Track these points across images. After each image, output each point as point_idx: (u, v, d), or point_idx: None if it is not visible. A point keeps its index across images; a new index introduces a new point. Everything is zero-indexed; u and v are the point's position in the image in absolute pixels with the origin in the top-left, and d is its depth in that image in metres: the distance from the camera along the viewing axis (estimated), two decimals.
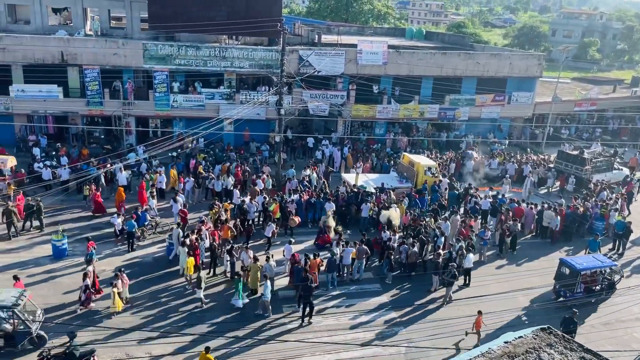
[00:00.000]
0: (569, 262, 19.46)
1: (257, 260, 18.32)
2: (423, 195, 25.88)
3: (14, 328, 14.69)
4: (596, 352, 6.01)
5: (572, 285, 18.93)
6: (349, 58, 33.44)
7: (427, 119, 36.52)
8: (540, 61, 38.70)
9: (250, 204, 23.02)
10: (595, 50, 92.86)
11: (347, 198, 24.68)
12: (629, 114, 45.75)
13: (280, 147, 27.69)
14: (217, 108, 31.38)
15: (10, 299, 14.71)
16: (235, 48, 32.12)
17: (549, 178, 31.02)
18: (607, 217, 25.17)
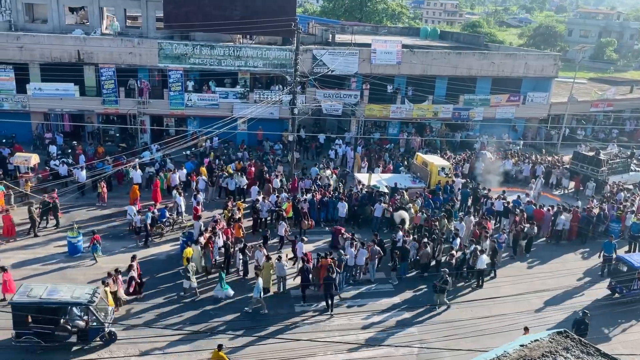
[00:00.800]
0: (627, 259, 19.87)
1: (269, 259, 18.35)
2: (437, 196, 25.74)
3: (87, 324, 15.09)
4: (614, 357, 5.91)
5: (629, 282, 19.11)
6: (362, 57, 33.36)
7: (441, 119, 36.32)
8: (556, 61, 38.27)
9: (263, 202, 23.06)
10: (612, 50, 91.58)
11: (360, 198, 24.62)
12: None
13: (294, 147, 27.71)
14: (231, 107, 31.49)
15: (85, 296, 15.02)
16: (249, 47, 32.21)
17: (565, 179, 30.66)
18: (624, 219, 24.84)
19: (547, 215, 24.33)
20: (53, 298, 14.73)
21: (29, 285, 15.33)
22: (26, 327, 14.64)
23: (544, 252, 23.27)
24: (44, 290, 14.97)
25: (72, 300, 14.89)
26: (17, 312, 14.50)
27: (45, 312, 14.61)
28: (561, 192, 30.59)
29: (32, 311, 14.63)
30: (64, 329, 14.97)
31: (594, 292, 20.04)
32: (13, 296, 15.06)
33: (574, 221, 24.14)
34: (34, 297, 14.59)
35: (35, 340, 14.60)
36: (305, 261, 18.63)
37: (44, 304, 14.60)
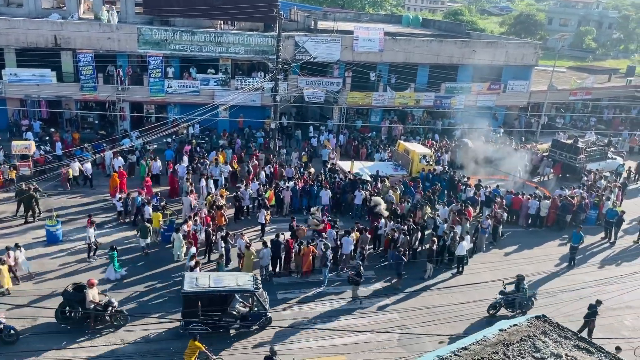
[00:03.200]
0: None
1: (250, 247, 18.33)
2: (417, 183, 25.92)
3: (250, 310, 15.70)
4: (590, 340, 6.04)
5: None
6: (345, 45, 33.22)
7: (423, 107, 36.44)
8: (536, 49, 38.60)
9: (245, 190, 22.97)
10: (591, 39, 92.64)
11: (343, 186, 24.67)
12: (623, 103, 45.82)
13: (276, 134, 27.60)
14: (212, 94, 31.17)
15: (248, 284, 15.66)
16: (230, 33, 31.83)
17: (547, 167, 31.02)
18: (602, 206, 25.30)
19: (525, 202, 24.68)
20: (221, 286, 15.39)
21: (192, 275, 15.88)
22: (195, 315, 15.12)
23: (523, 239, 23.63)
24: (209, 279, 15.56)
25: (240, 288, 15.57)
26: (188, 301, 15.05)
27: (215, 300, 15.26)
28: (541, 179, 31.01)
29: (203, 300, 15.12)
30: (231, 315, 15.57)
31: (570, 278, 20.45)
32: (183, 286, 15.26)
33: (552, 208, 24.53)
34: (203, 286, 15.17)
35: (202, 328, 15.07)
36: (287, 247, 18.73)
37: (215, 292, 15.22)
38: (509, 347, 5.73)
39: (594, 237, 24.47)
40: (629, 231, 24.98)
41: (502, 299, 17.27)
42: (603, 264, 22.11)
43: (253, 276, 16.26)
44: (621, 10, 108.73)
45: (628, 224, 25.07)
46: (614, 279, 19.67)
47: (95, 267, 18.60)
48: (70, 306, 15.20)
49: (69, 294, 15.24)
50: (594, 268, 21.62)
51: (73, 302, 15.20)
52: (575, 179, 29.71)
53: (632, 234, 24.78)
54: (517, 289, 17.39)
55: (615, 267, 21.73)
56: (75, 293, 15.30)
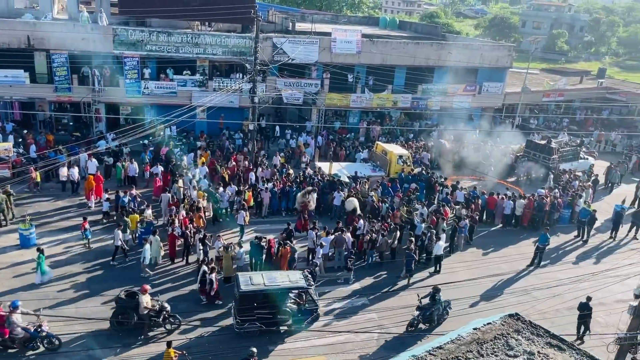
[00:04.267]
0: None
1: (228, 249, 18.22)
2: (395, 183, 26.08)
3: (302, 306, 16.00)
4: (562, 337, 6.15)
5: None
6: (323, 46, 33.27)
7: (400, 109, 36.68)
8: (510, 52, 39.18)
9: (223, 192, 22.83)
10: (564, 41, 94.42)
11: (322, 187, 24.69)
12: (595, 105, 46.79)
13: (254, 136, 27.47)
14: (190, 95, 30.89)
15: (300, 281, 16.04)
16: (207, 34, 31.60)
17: (521, 167, 31.46)
18: (575, 205, 25.78)
19: (500, 202, 25.02)
20: (276, 284, 15.61)
21: (245, 274, 16.11)
22: (251, 314, 15.31)
23: (498, 238, 23.96)
24: (262, 277, 15.78)
25: (295, 285, 15.88)
26: (244, 301, 15.19)
27: (271, 298, 15.45)
28: (515, 179, 31.46)
29: (259, 298, 15.33)
30: (285, 312, 15.77)
31: (545, 276, 20.80)
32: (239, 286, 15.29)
33: (528, 208, 24.90)
34: (258, 285, 15.38)
35: (257, 326, 15.39)
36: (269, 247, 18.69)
37: (271, 291, 15.39)
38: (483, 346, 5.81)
39: (568, 235, 24.96)
40: (600, 229, 25.52)
41: (420, 314, 16.47)
42: (576, 262, 22.55)
43: (302, 273, 16.71)
44: (592, 14, 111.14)
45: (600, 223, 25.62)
46: (586, 276, 20.07)
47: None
48: (125, 313, 15.18)
49: (123, 301, 15.26)
50: (567, 266, 22.06)
51: (127, 309, 15.17)
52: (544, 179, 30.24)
53: (603, 232, 25.33)
54: (433, 300, 16.64)
55: (588, 264, 22.17)
56: (128, 300, 15.29)
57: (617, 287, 17.66)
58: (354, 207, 22.82)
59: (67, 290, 17.22)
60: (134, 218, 20.28)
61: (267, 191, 23.55)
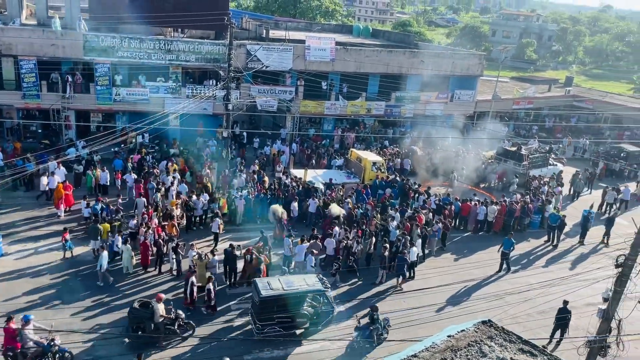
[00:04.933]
0: None
1: (202, 258, 18.00)
2: (368, 190, 26.20)
3: (317, 309, 16.22)
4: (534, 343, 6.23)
5: None
6: (297, 54, 33.32)
7: (374, 116, 36.94)
8: (481, 60, 39.90)
9: (197, 200, 22.58)
10: (532, 50, 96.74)
11: (297, 194, 24.63)
12: (563, 112, 47.97)
13: (228, 143, 27.28)
14: (162, 102, 30.53)
15: (318, 284, 16.29)
16: (180, 41, 31.32)
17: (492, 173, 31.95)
18: (545, 211, 26.25)
19: (474, 209, 25.34)
20: (295, 288, 15.81)
21: (262, 280, 16.24)
22: (271, 319, 15.53)
23: (471, 244, 24.24)
24: (280, 282, 15.91)
25: (312, 288, 16.09)
26: (264, 306, 15.35)
27: (290, 302, 15.66)
28: (486, 185, 31.90)
29: (279, 303, 15.49)
30: (303, 315, 16.01)
31: (516, 280, 21.12)
32: (259, 292, 15.42)
33: (500, 214, 25.26)
34: (277, 290, 15.53)
35: (277, 330, 15.56)
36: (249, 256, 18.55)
37: (290, 295, 15.59)
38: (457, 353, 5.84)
39: (538, 240, 25.41)
40: (569, 234, 26.05)
41: (358, 334, 15.84)
42: (547, 266, 22.96)
43: (318, 276, 16.97)
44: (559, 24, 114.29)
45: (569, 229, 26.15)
46: (556, 280, 20.45)
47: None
48: (141, 323, 15.05)
49: (137, 311, 15.05)
50: (538, 270, 22.39)
51: (143, 319, 15.01)
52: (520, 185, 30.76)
53: (572, 237, 25.85)
54: (372, 320, 16.17)
55: (558, 269, 22.59)
56: (143, 310, 15.09)
57: (586, 291, 17.99)
58: (338, 213, 22.86)
59: (36, 301, 16.74)
60: (106, 227, 19.91)
61: (242, 199, 23.38)
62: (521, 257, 23.55)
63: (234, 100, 28.14)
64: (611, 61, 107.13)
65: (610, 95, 51.35)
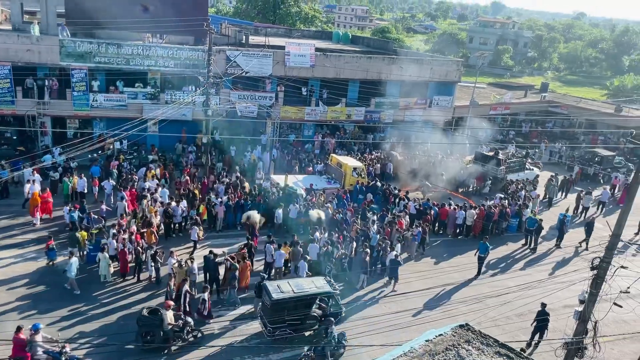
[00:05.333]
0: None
1: (182, 266, 17.80)
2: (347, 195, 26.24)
3: (325, 310, 16.46)
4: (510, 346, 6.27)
5: None
6: (276, 60, 33.31)
7: (354, 122, 37.08)
8: (458, 67, 40.38)
9: (176, 207, 22.34)
10: (509, 57, 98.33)
11: (277, 200, 24.54)
12: (539, 118, 48.77)
13: (208, 149, 27.10)
14: (141, 108, 30.22)
15: (326, 286, 16.64)
16: (159, 47, 31.07)
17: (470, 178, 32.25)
18: (522, 215, 26.57)
19: (452, 213, 25.55)
20: (305, 290, 16.08)
21: (272, 283, 16.36)
22: (282, 321, 15.73)
23: (451, 248, 24.42)
24: (290, 285, 16.14)
25: (321, 290, 16.37)
26: (276, 309, 15.54)
27: (301, 305, 15.96)
28: (466, 190, 32.20)
29: (290, 305, 15.75)
30: (313, 317, 16.27)
31: (495, 284, 21.32)
32: (270, 295, 15.54)
33: (479, 218, 25.51)
34: (288, 293, 15.77)
35: (287, 332, 15.83)
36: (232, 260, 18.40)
37: (301, 297, 15.87)
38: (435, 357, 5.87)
39: (516, 244, 25.72)
40: (546, 237, 26.42)
41: (309, 349, 15.06)
42: (525, 269, 23.24)
43: (325, 278, 17.34)
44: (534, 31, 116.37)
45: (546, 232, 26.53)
46: (535, 283, 20.72)
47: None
48: (150, 331, 15.04)
49: (146, 319, 15.03)
50: (516, 273, 22.67)
51: (152, 326, 15.00)
52: (497, 189, 31.10)
53: (549, 240, 26.23)
54: (325, 334, 15.67)
55: (536, 271, 22.88)
56: (152, 317, 15.08)
57: (564, 293, 18.27)
58: (319, 218, 22.82)
59: (10, 311, 16.36)
60: (83, 235, 19.58)
61: (222, 205, 23.22)
62: (500, 260, 23.81)
63: (214, 106, 28.01)
64: (585, 67, 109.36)
65: (584, 101, 52.37)
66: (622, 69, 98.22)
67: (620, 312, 14.49)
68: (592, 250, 23.67)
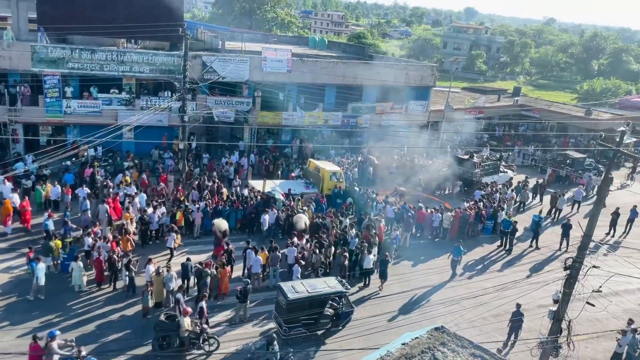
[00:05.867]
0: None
1: (159, 274, 17.55)
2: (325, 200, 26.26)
3: (338, 310, 16.97)
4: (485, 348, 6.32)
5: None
6: (253, 65, 33.22)
7: (331, 126, 37.14)
8: (433, 72, 40.82)
9: (153, 214, 22.03)
10: (482, 62, 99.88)
11: (255, 205, 24.40)
12: (512, 121, 49.52)
13: (185, 155, 26.80)
14: (116, 114, 29.79)
15: (338, 286, 17.11)
16: (134, 52, 30.69)
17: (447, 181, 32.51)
18: (497, 217, 26.91)
19: (429, 216, 25.74)
20: (319, 291, 16.60)
21: (286, 284, 16.75)
22: (297, 321, 16.21)
23: (428, 251, 24.58)
24: (304, 285, 16.63)
25: (335, 290, 16.87)
26: (291, 309, 15.98)
27: (315, 304, 16.47)
28: (442, 192, 32.47)
29: (305, 305, 16.26)
30: (326, 316, 16.75)
31: (471, 285, 21.52)
32: (286, 295, 15.97)
33: (456, 220, 25.76)
34: (303, 293, 16.25)
35: (302, 331, 16.31)
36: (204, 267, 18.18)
37: (315, 297, 16.38)
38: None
39: (492, 245, 26.03)
40: (521, 239, 26.78)
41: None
42: (501, 271, 23.52)
43: (337, 278, 17.80)
44: (507, 36, 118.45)
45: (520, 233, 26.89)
46: (510, 284, 20.97)
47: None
48: (167, 336, 15.14)
49: (163, 324, 15.15)
50: (492, 275, 22.93)
51: (169, 332, 15.10)
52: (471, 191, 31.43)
53: (524, 242, 26.59)
54: (267, 350, 14.75)
55: (512, 272, 23.17)
56: (169, 322, 15.21)
57: (538, 294, 18.52)
58: (305, 225, 22.70)
59: None
60: (57, 244, 19.15)
61: (199, 211, 22.98)
62: (476, 262, 24.06)
63: (190, 112, 27.76)
64: (555, 72, 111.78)
65: (556, 105, 53.40)
66: (591, 73, 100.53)
67: (593, 311, 14.76)
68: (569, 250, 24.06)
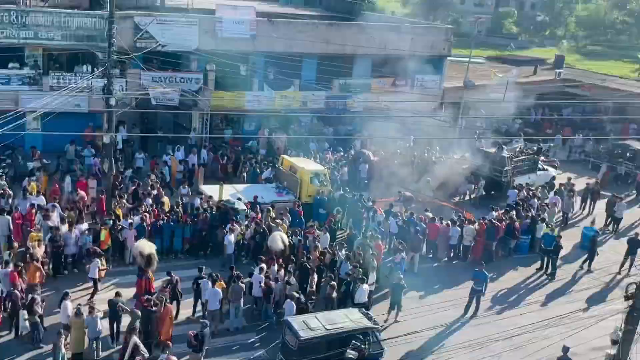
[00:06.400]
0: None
1: (79, 315, 17.35)
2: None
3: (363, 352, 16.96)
4: None
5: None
6: (205, 28, 33.19)
7: (312, 110, 37.10)
8: (448, 36, 41.12)
9: (68, 234, 21.77)
10: (512, 22, 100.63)
11: (210, 219, 24.30)
12: (553, 102, 49.78)
13: (111, 152, 26.58)
14: (16, 97, 29.64)
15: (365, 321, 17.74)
16: (41, 12, 30.52)
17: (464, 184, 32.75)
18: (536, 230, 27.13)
19: (445, 230, 25.86)
20: (339, 327, 17.13)
21: (295, 318, 17.40)
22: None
23: (442, 277, 24.71)
24: (319, 320, 17.18)
25: (360, 326, 17.42)
26: (305, 351, 16.33)
27: (335, 344, 16.82)
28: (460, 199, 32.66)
29: (322, 346, 16.66)
30: (349, 358, 16.81)
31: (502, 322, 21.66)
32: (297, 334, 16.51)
33: (480, 235, 25.88)
34: (319, 330, 16.72)
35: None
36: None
37: (335, 336, 16.91)
38: None
39: (528, 268, 26.24)
40: (568, 259, 27.01)
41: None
42: (541, 302, 23.73)
43: (361, 310, 18.51)
44: None
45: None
46: (554, 320, 21.17)
47: None
48: None
49: None
50: (530, 308, 23.11)
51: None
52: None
53: (571, 263, 26.86)
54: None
55: (555, 305, 23.38)
56: None
57: (591, 332, 18.71)
58: (283, 245, 22.60)
59: None
60: None
61: (132, 228, 22.77)
62: (508, 291, 24.27)
63: (119, 93, 27.61)
64: (610, 35, 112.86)
65: (611, 79, 53.81)
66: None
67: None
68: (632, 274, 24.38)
